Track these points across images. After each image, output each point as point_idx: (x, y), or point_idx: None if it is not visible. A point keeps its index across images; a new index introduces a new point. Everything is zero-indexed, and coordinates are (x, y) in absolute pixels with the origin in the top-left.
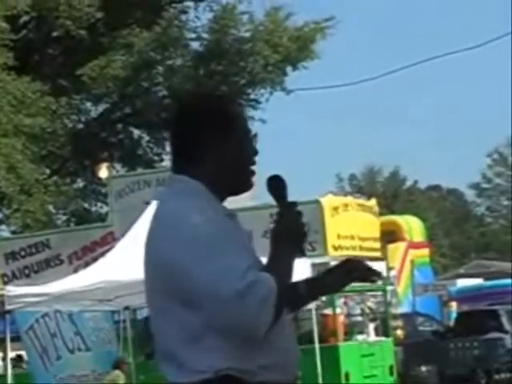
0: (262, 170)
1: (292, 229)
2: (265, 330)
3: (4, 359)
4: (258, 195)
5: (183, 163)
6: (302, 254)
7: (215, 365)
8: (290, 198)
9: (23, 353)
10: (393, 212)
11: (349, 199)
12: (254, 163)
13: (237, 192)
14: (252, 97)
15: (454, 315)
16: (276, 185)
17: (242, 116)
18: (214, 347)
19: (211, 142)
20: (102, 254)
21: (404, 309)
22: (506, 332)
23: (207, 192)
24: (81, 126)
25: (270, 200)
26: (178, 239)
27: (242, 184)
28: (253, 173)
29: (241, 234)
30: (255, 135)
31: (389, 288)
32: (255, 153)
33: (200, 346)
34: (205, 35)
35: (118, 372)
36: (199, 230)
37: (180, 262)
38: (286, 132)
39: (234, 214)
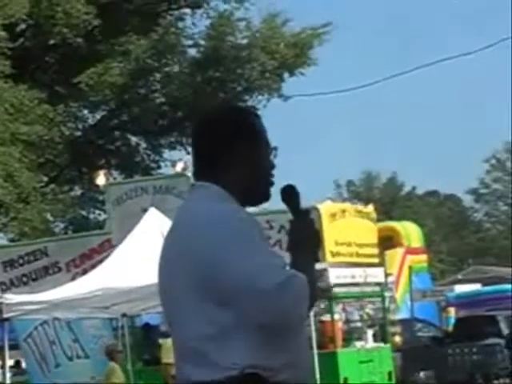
0: None
1: (308, 236)
2: (299, 324)
3: (2, 367)
4: None
5: (207, 172)
6: (317, 260)
7: (241, 362)
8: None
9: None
10: (391, 218)
11: (346, 205)
12: (272, 175)
13: (253, 203)
14: (249, 103)
15: (452, 321)
16: (290, 194)
17: (262, 129)
18: (242, 345)
19: (231, 155)
20: (100, 262)
21: (402, 315)
22: (504, 337)
23: (232, 199)
24: (78, 133)
25: (266, 206)
26: (216, 234)
27: (260, 196)
28: (271, 185)
29: (266, 239)
30: (275, 148)
31: (387, 294)
32: (273, 166)
33: (227, 342)
34: (202, 42)
35: (112, 364)
36: (237, 227)
37: (220, 258)
38: (283, 138)
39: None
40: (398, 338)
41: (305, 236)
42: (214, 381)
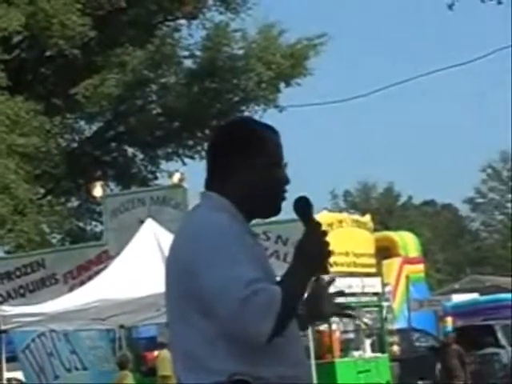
0: None
1: (315, 247)
2: (266, 338)
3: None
4: None
5: (215, 182)
6: (326, 272)
7: (229, 369)
8: (285, 215)
9: (16, 375)
10: (387, 228)
11: (343, 215)
12: (284, 191)
13: (261, 216)
14: (245, 114)
15: (449, 331)
16: (303, 205)
17: (274, 142)
18: (227, 352)
19: (236, 166)
20: (97, 273)
21: (400, 324)
22: (501, 347)
23: (233, 209)
24: (75, 145)
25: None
26: (197, 246)
27: (268, 209)
28: (283, 199)
29: (259, 252)
30: (286, 164)
31: (384, 304)
32: (287, 181)
33: (214, 350)
34: (198, 53)
35: (126, 372)
36: (218, 239)
37: (195, 267)
38: None
39: (257, 234)
40: (395, 348)
41: (312, 247)
42: None
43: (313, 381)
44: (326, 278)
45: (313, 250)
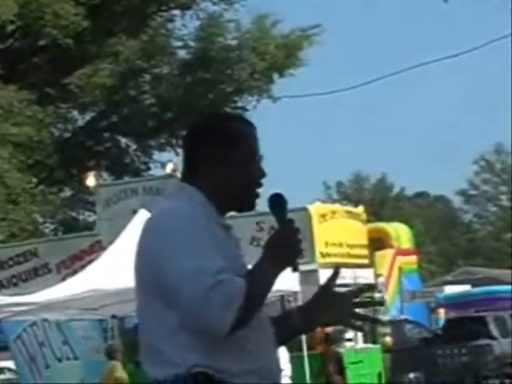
0: None
1: (285, 243)
2: (227, 330)
3: None
4: None
5: (189, 174)
6: (295, 269)
7: (188, 361)
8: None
9: (8, 364)
10: (380, 219)
11: (336, 206)
12: (259, 185)
13: (235, 209)
14: (239, 104)
15: (441, 322)
16: (277, 202)
17: (251, 136)
18: (188, 344)
19: (211, 159)
20: (90, 263)
21: (392, 316)
22: (493, 338)
23: (204, 200)
24: (68, 134)
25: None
26: (163, 235)
27: (242, 203)
28: (256, 195)
29: (230, 243)
30: (261, 157)
31: (377, 295)
32: (262, 175)
33: (175, 341)
34: (191, 43)
35: (115, 362)
36: (184, 229)
37: (159, 256)
38: (273, 139)
39: (229, 226)
40: (388, 339)
41: (283, 242)
42: (166, 378)
43: (280, 374)
44: (329, 272)
45: (282, 247)
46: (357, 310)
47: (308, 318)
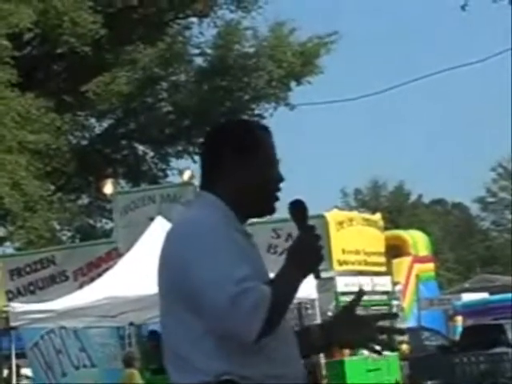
0: None
1: (308, 249)
2: (254, 337)
3: (10, 375)
4: None
5: (208, 182)
6: (318, 276)
7: (215, 368)
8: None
9: (25, 371)
10: (398, 226)
11: (354, 214)
12: (278, 189)
13: (256, 215)
14: (256, 112)
15: (459, 329)
16: (298, 209)
17: (268, 142)
18: (213, 351)
19: (229, 166)
20: (107, 270)
21: (410, 323)
22: (511, 346)
23: (225, 208)
24: (85, 142)
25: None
26: (188, 244)
27: (261, 208)
28: (276, 198)
29: (253, 251)
30: (278, 161)
31: (394, 303)
32: (281, 179)
33: (200, 348)
34: (209, 51)
35: (132, 370)
36: (208, 237)
37: (183, 263)
38: (291, 147)
39: (250, 234)
40: (405, 347)
41: (304, 249)
42: None
43: (306, 380)
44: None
45: (305, 254)
46: (380, 323)
47: (328, 338)
